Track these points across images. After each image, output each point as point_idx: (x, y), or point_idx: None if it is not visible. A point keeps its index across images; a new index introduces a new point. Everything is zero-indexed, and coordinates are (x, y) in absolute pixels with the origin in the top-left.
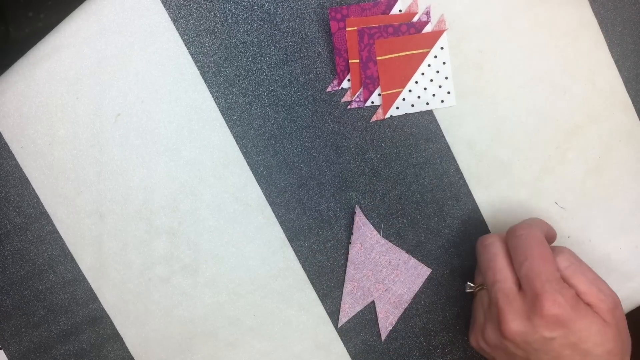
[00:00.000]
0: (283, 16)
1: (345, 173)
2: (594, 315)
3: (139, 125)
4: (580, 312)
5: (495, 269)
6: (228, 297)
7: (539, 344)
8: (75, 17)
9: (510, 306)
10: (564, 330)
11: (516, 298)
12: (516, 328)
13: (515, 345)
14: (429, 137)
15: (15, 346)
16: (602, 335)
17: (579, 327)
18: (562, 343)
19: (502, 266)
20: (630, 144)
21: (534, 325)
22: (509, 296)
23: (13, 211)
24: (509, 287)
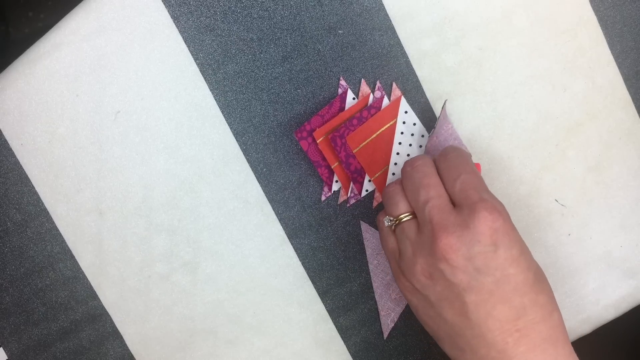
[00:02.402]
0: (283, 13)
1: None
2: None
3: (139, 123)
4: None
5: (429, 186)
6: (228, 294)
7: (480, 259)
8: (75, 14)
9: (446, 221)
10: (506, 240)
11: (452, 212)
12: (454, 240)
13: (454, 268)
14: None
15: (15, 344)
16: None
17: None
18: (506, 257)
19: (436, 183)
20: (630, 142)
21: (472, 236)
22: (444, 211)
23: (13, 208)
24: (444, 203)
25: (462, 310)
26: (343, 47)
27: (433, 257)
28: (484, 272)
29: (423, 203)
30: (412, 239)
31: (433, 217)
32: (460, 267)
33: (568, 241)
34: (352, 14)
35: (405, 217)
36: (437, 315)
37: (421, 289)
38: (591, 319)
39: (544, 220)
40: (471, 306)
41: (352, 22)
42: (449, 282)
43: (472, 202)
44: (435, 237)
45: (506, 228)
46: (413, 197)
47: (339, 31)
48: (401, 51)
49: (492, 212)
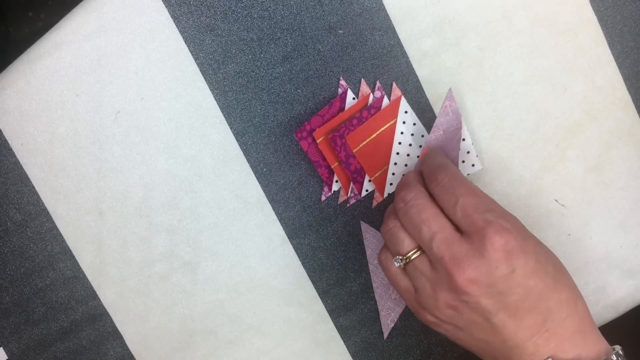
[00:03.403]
0: (283, 13)
1: None
2: (530, 234)
3: (139, 123)
4: (525, 232)
5: (429, 221)
6: (228, 294)
7: (501, 283)
8: (75, 14)
9: (457, 254)
10: (522, 257)
11: (461, 242)
12: (472, 274)
13: (477, 298)
14: None
15: (15, 343)
16: (546, 250)
17: (532, 249)
18: (524, 273)
19: (434, 214)
20: (630, 142)
21: (489, 264)
22: (453, 244)
23: (13, 208)
24: (449, 235)
25: (492, 329)
26: (343, 47)
27: (454, 291)
28: (506, 293)
29: (429, 240)
30: (427, 275)
31: (443, 253)
32: (483, 295)
33: (568, 241)
34: (352, 14)
35: (414, 255)
36: (468, 336)
37: (448, 319)
38: None
39: (544, 221)
40: (500, 324)
41: (352, 22)
42: (474, 310)
43: (480, 227)
44: (451, 273)
45: (519, 244)
46: (416, 234)
47: (339, 31)
48: (401, 51)
49: (502, 235)
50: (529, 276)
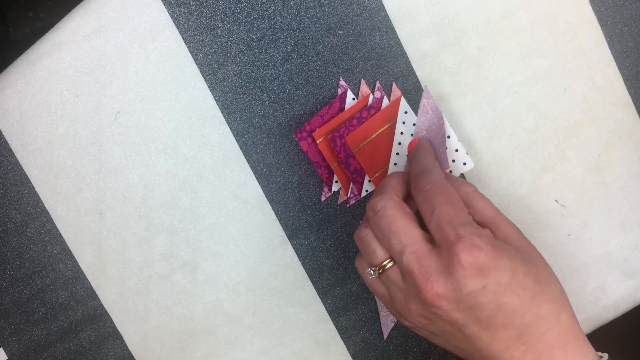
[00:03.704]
0: (282, 14)
1: None
2: (513, 248)
3: (139, 123)
4: (501, 248)
5: (398, 233)
6: (228, 294)
7: (471, 299)
8: (75, 14)
9: (426, 269)
10: (493, 274)
11: (431, 257)
12: (440, 289)
13: (447, 312)
14: None
15: (15, 344)
16: (532, 262)
17: (506, 265)
18: (496, 289)
19: (405, 226)
20: (630, 142)
21: (458, 281)
22: (422, 258)
23: (13, 209)
24: (419, 248)
25: (466, 339)
26: (343, 47)
27: (424, 303)
28: (477, 308)
29: (399, 253)
30: (399, 285)
31: (413, 267)
32: (453, 309)
33: (568, 241)
34: (352, 15)
35: (388, 264)
36: (445, 342)
37: (422, 326)
38: (591, 319)
39: (543, 221)
40: (473, 336)
41: (352, 22)
42: (446, 321)
43: (450, 243)
44: (420, 287)
45: (490, 260)
46: (387, 245)
47: (339, 31)
48: (401, 51)
49: (471, 252)
50: (502, 292)
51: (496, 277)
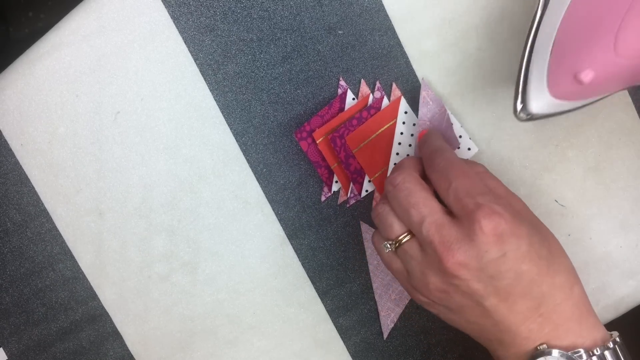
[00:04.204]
0: (282, 14)
1: None
2: (528, 219)
3: (139, 123)
4: (518, 216)
5: (417, 205)
6: (227, 295)
7: (492, 267)
8: (75, 14)
9: (447, 237)
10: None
11: (451, 226)
12: (461, 257)
13: (467, 282)
14: None
15: (15, 344)
16: (543, 234)
17: (525, 233)
18: (516, 257)
19: (424, 197)
20: (630, 142)
21: (479, 247)
22: (443, 227)
23: (12, 209)
24: (439, 218)
25: (484, 313)
26: (343, 47)
27: (444, 274)
28: (497, 277)
29: (418, 224)
30: (417, 259)
31: (433, 237)
32: (474, 279)
33: (568, 241)
34: (352, 15)
35: (405, 238)
36: (460, 318)
37: (439, 301)
38: None
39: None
40: (492, 309)
41: (352, 22)
42: (465, 293)
43: (470, 211)
44: (441, 257)
45: (510, 227)
46: (405, 218)
47: (339, 31)
48: (401, 51)
49: (492, 218)
50: (520, 260)
51: (516, 244)
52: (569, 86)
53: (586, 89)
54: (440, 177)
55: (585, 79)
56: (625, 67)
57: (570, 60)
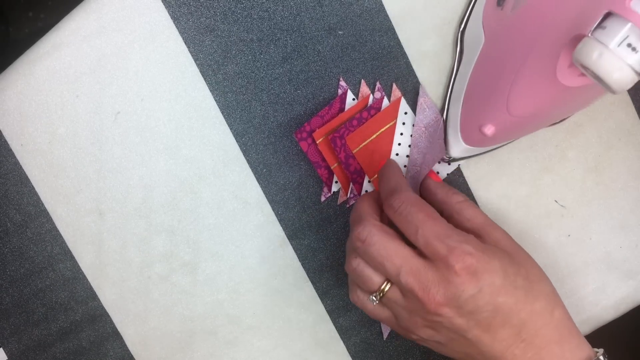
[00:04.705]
0: (283, 14)
1: None
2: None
3: (139, 124)
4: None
5: (390, 257)
6: (228, 295)
7: (470, 303)
8: (75, 15)
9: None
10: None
11: (427, 271)
12: (441, 299)
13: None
14: None
15: (15, 344)
16: (520, 262)
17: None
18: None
19: (395, 248)
20: (630, 142)
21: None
22: (419, 273)
23: (13, 209)
24: (413, 265)
25: (470, 344)
26: (343, 47)
27: (428, 314)
28: (476, 311)
29: (395, 275)
30: (401, 303)
31: (412, 285)
32: (455, 316)
33: (568, 242)
34: (352, 15)
35: (386, 287)
36: (451, 350)
37: (429, 337)
38: (591, 319)
39: (543, 221)
40: (475, 339)
41: (352, 22)
42: (450, 329)
43: (443, 255)
44: (422, 300)
45: (482, 264)
46: (381, 270)
47: (339, 32)
48: (401, 52)
49: (464, 259)
50: (496, 293)
51: (490, 279)
52: (476, 136)
53: (490, 140)
54: (404, 222)
55: (487, 132)
56: (517, 123)
57: (475, 115)
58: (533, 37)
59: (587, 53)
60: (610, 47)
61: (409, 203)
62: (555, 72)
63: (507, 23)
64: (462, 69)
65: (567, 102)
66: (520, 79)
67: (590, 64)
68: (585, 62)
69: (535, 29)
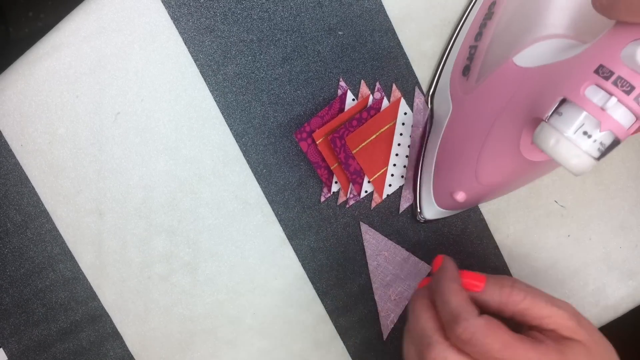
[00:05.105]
0: (283, 15)
1: None
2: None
3: (139, 124)
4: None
5: None
6: (227, 295)
7: None
8: (75, 15)
9: None
10: None
11: None
12: None
13: None
14: None
15: (15, 344)
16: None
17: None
18: None
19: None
20: (629, 143)
21: None
22: None
23: (13, 209)
24: None
25: None
26: (343, 48)
27: None
28: None
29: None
30: None
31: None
32: None
33: (568, 242)
34: (352, 16)
35: None
36: None
37: None
38: (591, 320)
39: (543, 221)
40: None
41: (352, 23)
42: None
43: None
44: None
45: None
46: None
47: (339, 32)
48: (401, 52)
49: None
50: None
51: None
52: (448, 200)
53: (462, 204)
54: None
55: (459, 199)
56: (486, 190)
57: (447, 182)
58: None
59: (544, 139)
60: (566, 135)
61: (482, 334)
62: (519, 147)
63: (473, 93)
64: (434, 132)
65: (533, 171)
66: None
67: (547, 150)
68: (543, 148)
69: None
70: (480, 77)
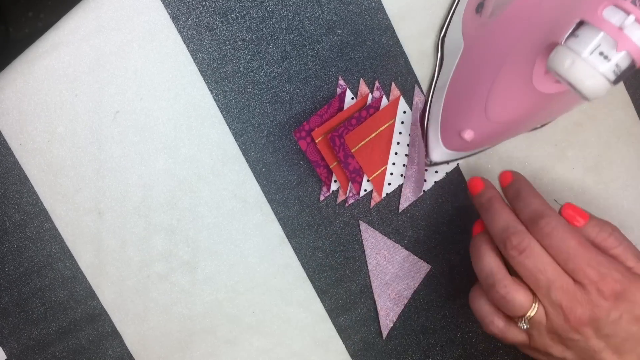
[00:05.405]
0: (282, 13)
1: None
2: None
3: (138, 123)
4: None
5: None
6: (227, 294)
7: (609, 327)
8: (74, 14)
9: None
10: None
11: (575, 290)
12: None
13: (588, 339)
14: None
15: (14, 343)
16: None
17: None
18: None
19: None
20: (629, 142)
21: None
22: (569, 291)
23: (12, 208)
24: (565, 283)
25: None
26: (342, 46)
27: (569, 332)
28: (612, 335)
29: (546, 288)
30: (544, 325)
31: (561, 301)
32: (593, 336)
33: None
34: (351, 14)
35: (534, 312)
36: None
37: (557, 354)
38: None
39: None
40: None
41: (351, 22)
42: (583, 348)
43: (594, 280)
44: (567, 318)
45: (627, 294)
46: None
47: (338, 31)
48: (400, 51)
49: (614, 286)
50: (632, 323)
51: (631, 309)
52: (456, 141)
53: (470, 144)
54: (554, 247)
55: (467, 137)
56: (496, 128)
57: (455, 120)
58: (510, 44)
59: (559, 61)
60: (583, 56)
61: (562, 229)
62: (532, 79)
63: (485, 29)
64: (443, 74)
65: (545, 108)
66: (498, 85)
67: (562, 72)
68: (558, 70)
69: (511, 36)
70: (495, 11)
